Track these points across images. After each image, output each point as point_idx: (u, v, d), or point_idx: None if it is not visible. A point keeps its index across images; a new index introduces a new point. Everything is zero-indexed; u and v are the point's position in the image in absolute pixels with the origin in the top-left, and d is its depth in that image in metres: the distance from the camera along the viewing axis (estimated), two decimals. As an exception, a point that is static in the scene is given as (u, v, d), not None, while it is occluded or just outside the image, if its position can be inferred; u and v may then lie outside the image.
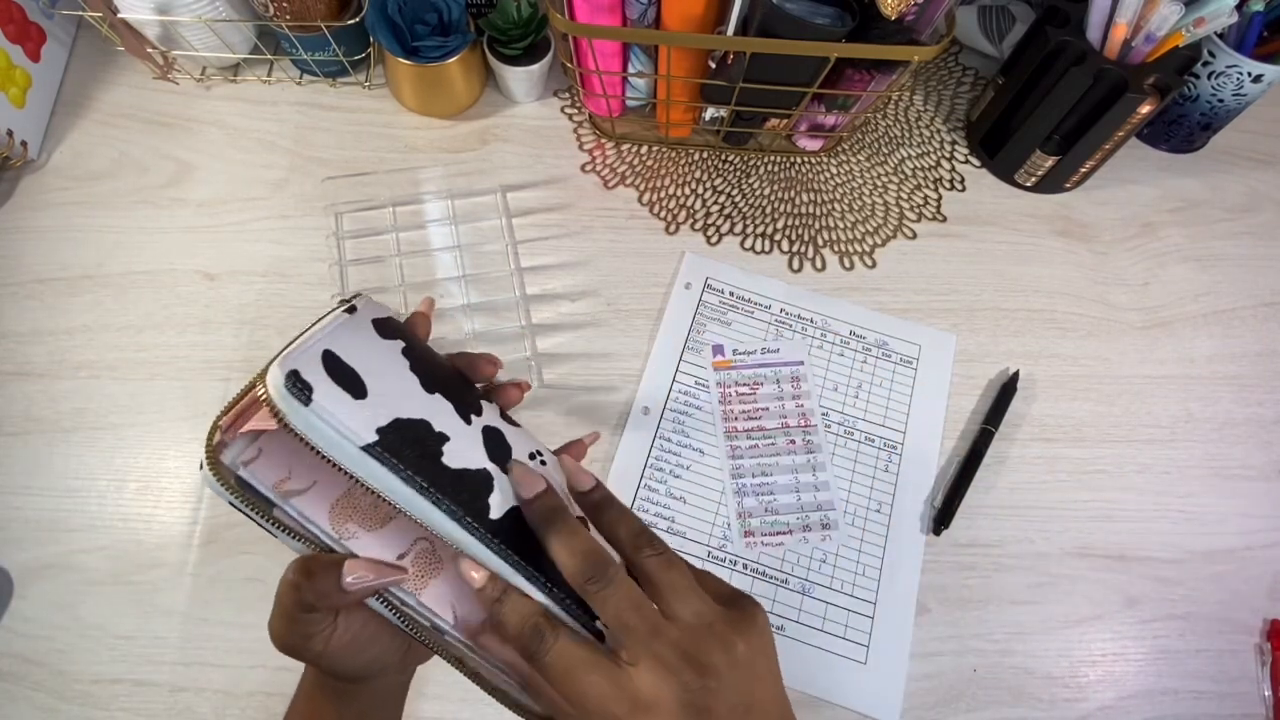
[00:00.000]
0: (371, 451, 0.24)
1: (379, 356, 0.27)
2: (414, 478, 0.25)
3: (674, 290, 0.60)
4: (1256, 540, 0.54)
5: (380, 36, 0.58)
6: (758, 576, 0.50)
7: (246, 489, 0.27)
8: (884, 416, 0.56)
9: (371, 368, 0.26)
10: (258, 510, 0.27)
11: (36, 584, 0.48)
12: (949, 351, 0.59)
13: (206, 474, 0.26)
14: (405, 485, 0.25)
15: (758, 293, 0.60)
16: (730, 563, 0.51)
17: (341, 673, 0.30)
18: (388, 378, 0.27)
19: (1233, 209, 0.67)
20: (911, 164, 0.67)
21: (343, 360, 0.26)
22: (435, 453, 0.26)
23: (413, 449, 0.26)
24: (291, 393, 0.24)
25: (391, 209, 0.61)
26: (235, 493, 0.26)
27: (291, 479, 0.27)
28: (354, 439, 0.24)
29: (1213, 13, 0.53)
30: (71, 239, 0.59)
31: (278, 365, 0.24)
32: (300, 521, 0.28)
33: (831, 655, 0.49)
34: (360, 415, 0.25)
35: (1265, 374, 0.60)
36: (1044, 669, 0.49)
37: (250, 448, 0.27)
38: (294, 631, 0.28)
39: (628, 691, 0.25)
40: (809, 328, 0.59)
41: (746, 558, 0.51)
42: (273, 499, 0.27)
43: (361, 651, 0.30)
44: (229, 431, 0.27)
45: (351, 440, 0.24)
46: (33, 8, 0.62)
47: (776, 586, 0.50)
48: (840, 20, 0.52)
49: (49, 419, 0.53)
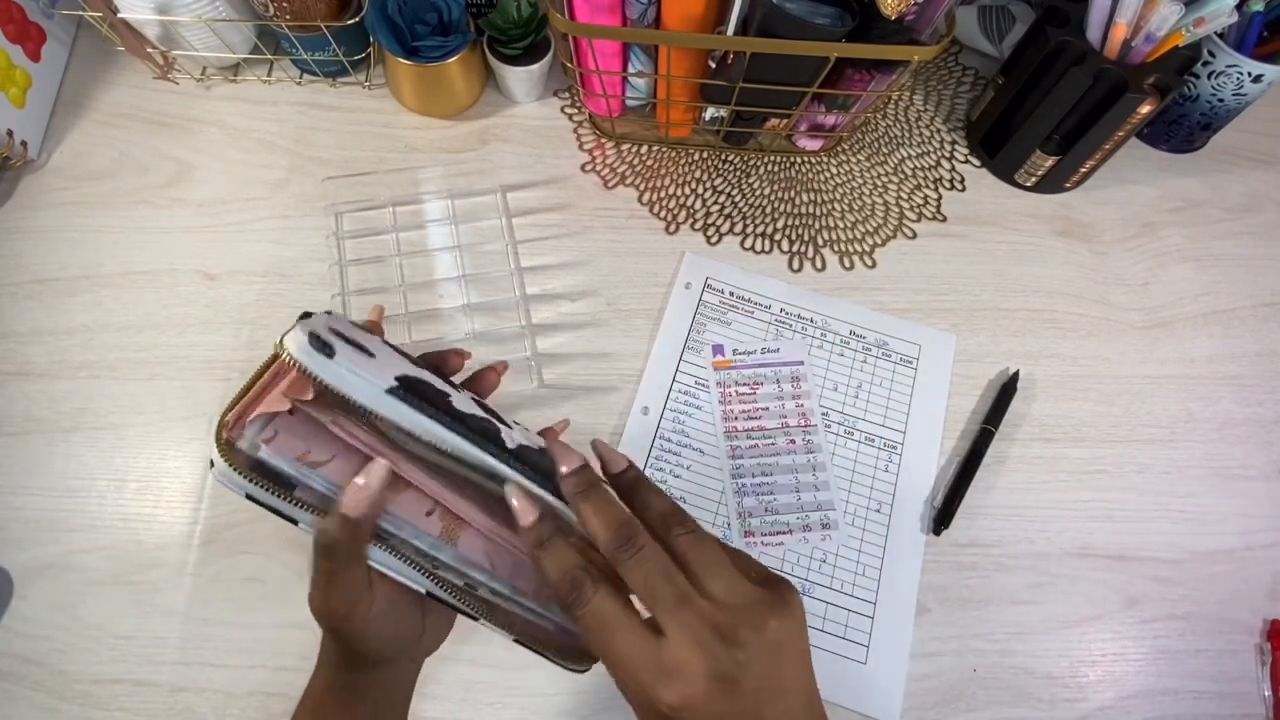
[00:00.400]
0: (396, 394, 0.26)
1: (369, 338, 0.29)
2: (439, 414, 0.27)
3: (674, 290, 0.60)
4: (1256, 540, 0.54)
5: (380, 36, 0.58)
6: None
7: (265, 472, 0.27)
8: (884, 416, 0.56)
9: (367, 343, 0.28)
10: (277, 493, 0.27)
11: (36, 584, 0.48)
12: (949, 351, 0.59)
13: (221, 468, 0.26)
14: (432, 421, 0.27)
15: (758, 293, 0.60)
16: (730, 563, 0.51)
17: (371, 649, 0.31)
18: (383, 350, 0.29)
19: (1233, 209, 0.67)
20: (911, 164, 0.67)
21: (343, 333, 0.27)
22: (445, 399, 0.28)
23: (427, 395, 0.27)
24: (316, 349, 0.25)
25: (391, 209, 0.61)
26: (253, 479, 0.27)
27: (312, 452, 0.28)
28: (378, 384, 0.26)
29: (1213, 13, 0.53)
30: (71, 239, 0.59)
31: (298, 330, 0.26)
32: (326, 493, 0.28)
33: (831, 655, 0.49)
34: (376, 368, 0.27)
35: (1265, 374, 0.60)
36: (1044, 669, 0.49)
37: (267, 429, 0.28)
38: (336, 599, 0.28)
39: (655, 656, 0.25)
40: (809, 327, 0.59)
41: (746, 558, 0.51)
42: (295, 475, 0.28)
43: (387, 627, 0.30)
44: (236, 426, 0.27)
45: (376, 384, 0.26)
46: (33, 8, 0.62)
47: None
48: (840, 20, 0.52)
49: (49, 419, 0.53)
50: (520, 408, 0.55)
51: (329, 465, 0.28)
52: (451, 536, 0.30)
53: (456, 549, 0.30)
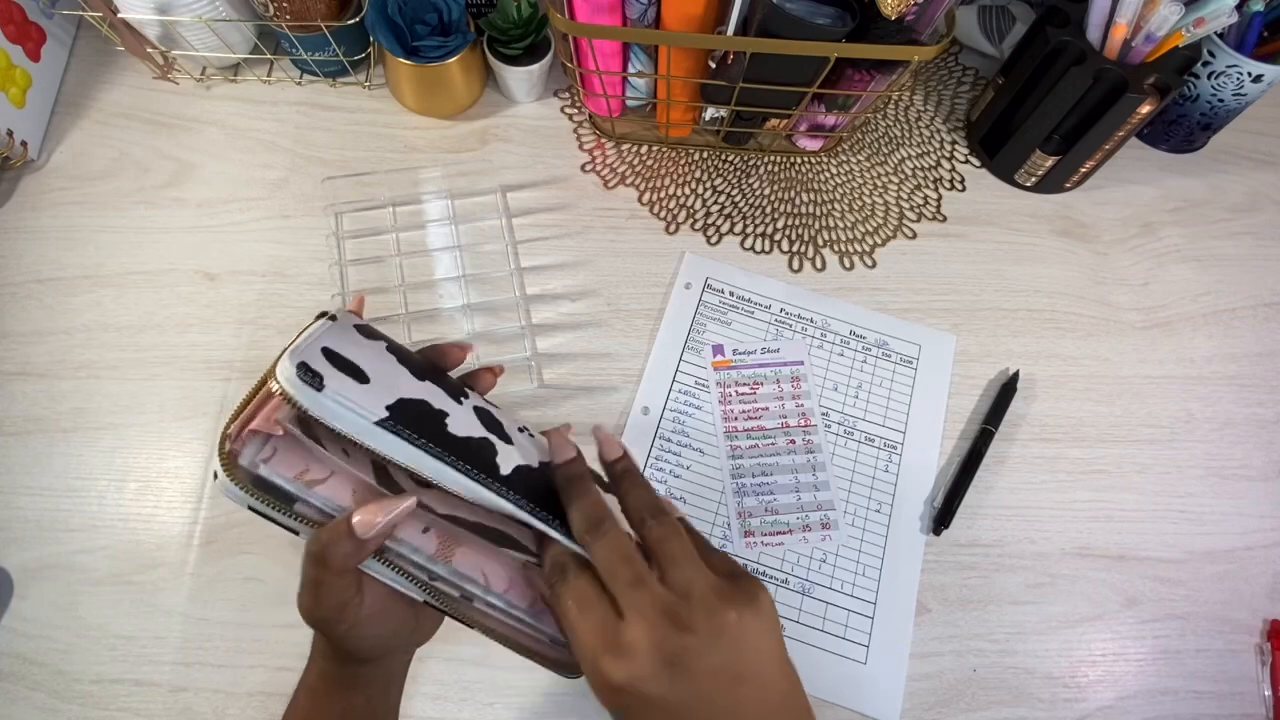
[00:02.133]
0: (386, 425, 0.26)
1: (368, 353, 0.29)
2: (428, 445, 0.27)
3: (674, 290, 0.60)
4: (1256, 540, 0.54)
5: (380, 36, 0.58)
6: (758, 576, 0.50)
7: (266, 487, 0.28)
8: (884, 417, 0.56)
9: (365, 361, 0.28)
10: (278, 508, 0.28)
11: (36, 584, 0.48)
12: (949, 351, 0.59)
13: (224, 481, 0.27)
14: (421, 452, 0.27)
15: (758, 293, 0.60)
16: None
17: (361, 648, 0.31)
18: (382, 368, 0.28)
19: (1233, 209, 0.67)
20: (911, 164, 0.67)
21: (340, 354, 0.27)
22: (440, 424, 0.28)
23: (420, 422, 0.27)
24: (305, 381, 0.25)
25: (391, 209, 0.61)
26: (254, 494, 0.27)
27: (310, 471, 0.28)
28: (368, 415, 0.26)
29: (1213, 13, 0.52)
30: (71, 239, 0.59)
31: (286, 359, 0.26)
32: (324, 510, 0.29)
33: (831, 655, 0.49)
34: (368, 396, 0.27)
35: (1265, 374, 0.60)
36: (1044, 669, 0.49)
37: (265, 447, 0.28)
38: (325, 604, 0.29)
39: (611, 634, 0.26)
40: (809, 327, 0.59)
41: (747, 557, 0.51)
42: (294, 491, 0.28)
43: (380, 625, 0.31)
44: (238, 440, 0.27)
45: (365, 417, 0.26)
46: (33, 8, 0.62)
47: (777, 586, 0.50)
48: (840, 20, 0.52)
49: (49, 419, 0.53)
50: (520, 408, 0.55)
51: (327, 483, 0.29)
52: (447, 554, 0.30)
53: (452, 565, 0.30)
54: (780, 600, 0.50)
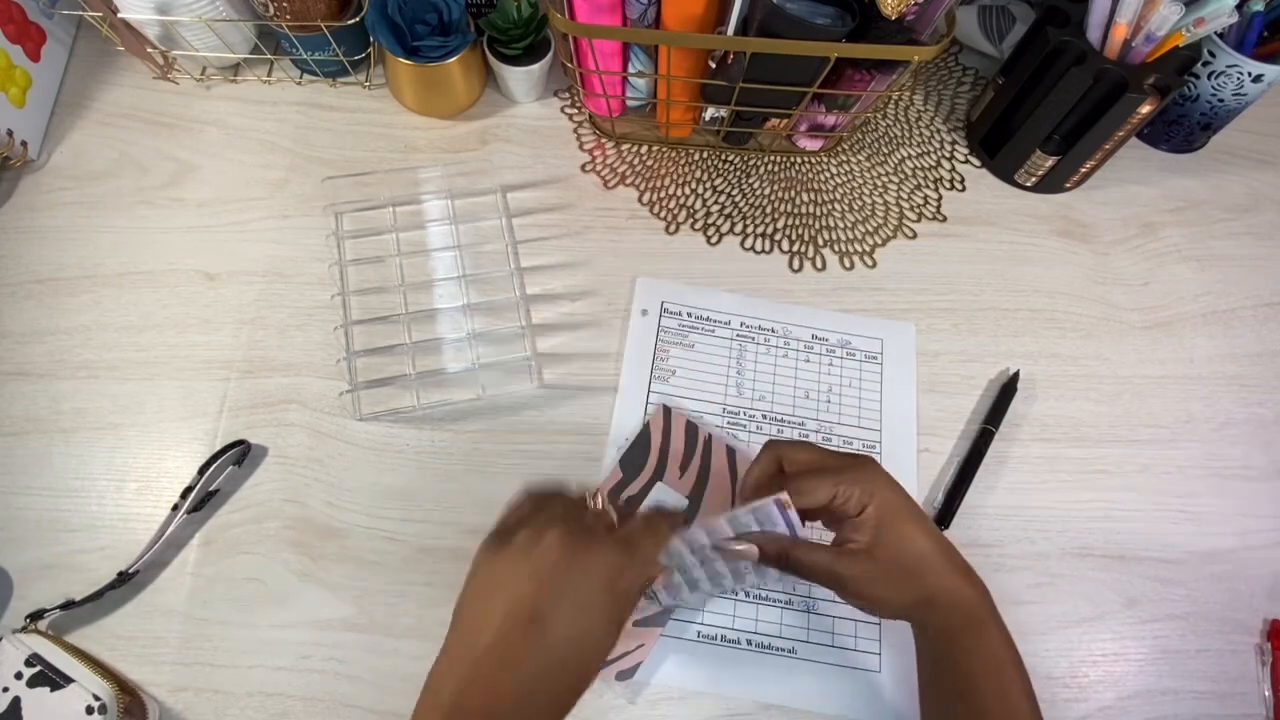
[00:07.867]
0: None
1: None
2: None
3: (631, 319, 0.58)
4: (1256, 540, 0.54)
5: (380, 36, 0.58)
6: (761, 602, 0.50)
7: None
8: (858, 417, 0.56)
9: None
10: None
11: (36, 584, 0.48)
12: (910, 340, 0.58)
13: None
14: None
15: (714, 309, 0.59)
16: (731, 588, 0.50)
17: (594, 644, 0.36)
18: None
19: (1233, 209, 0.67)
20: (911, 164, 0.67)
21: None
22: None
23: None
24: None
25: (391, 209, 0.61)
26: None
27: None
28: None
29: (1213, 13, 0.52)
30: (71, 239, 0.59)
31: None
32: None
33: (846, 670, 0.48)
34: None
35: (1265, 374, 0.60)
36: (1044, 669, 0.49)
37: None
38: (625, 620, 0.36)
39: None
40: (771, 338, 0.58)
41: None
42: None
43: None
44: None
45: None
46: (33, 8, 0.62)
47: (781, 609, 0.50)
48: (840, 20, 0.52)
49: (49, 419, 0.53)
50: (520, 408, 0.55)
51: None
52: None
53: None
54: (786, 622, 0.49)
